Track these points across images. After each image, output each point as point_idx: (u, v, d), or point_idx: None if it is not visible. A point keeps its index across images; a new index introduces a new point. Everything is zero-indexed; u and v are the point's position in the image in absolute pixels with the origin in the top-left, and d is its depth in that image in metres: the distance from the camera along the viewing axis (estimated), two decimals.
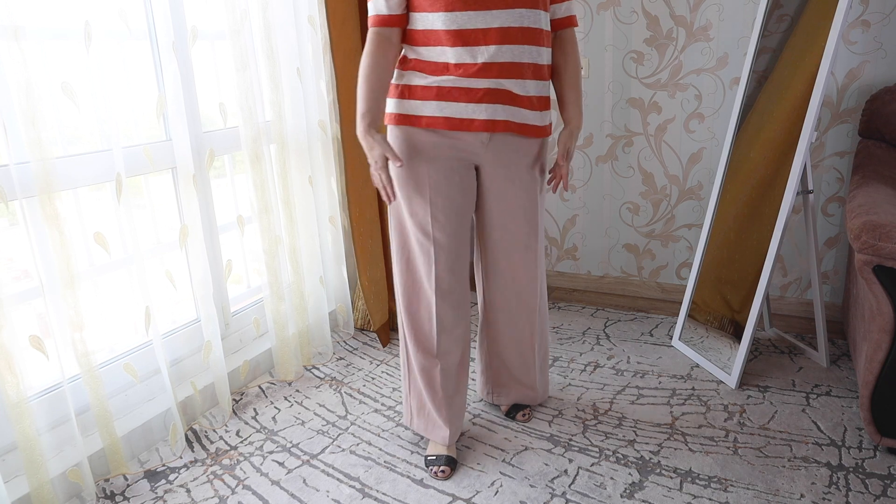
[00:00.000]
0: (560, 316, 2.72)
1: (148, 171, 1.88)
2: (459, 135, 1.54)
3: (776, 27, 2.13)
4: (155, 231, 2.03)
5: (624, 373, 2.21)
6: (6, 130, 1.47)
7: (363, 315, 2.64)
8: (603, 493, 1.63)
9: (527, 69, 1.50)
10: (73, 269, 1.56)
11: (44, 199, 1.50)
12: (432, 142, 1.55)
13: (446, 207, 1.60)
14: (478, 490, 1.66)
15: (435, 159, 1.56)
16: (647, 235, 2.80)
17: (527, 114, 1.55)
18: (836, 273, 2.50)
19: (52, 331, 1.62)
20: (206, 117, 2.11)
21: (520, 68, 1.49)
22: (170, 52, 1.77)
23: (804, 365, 2.19)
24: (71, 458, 1.67)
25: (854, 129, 2.33)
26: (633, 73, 2.63)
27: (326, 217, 2.46)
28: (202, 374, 2.10)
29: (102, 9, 1.65)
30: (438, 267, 1.63)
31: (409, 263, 1.68)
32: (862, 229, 1.57)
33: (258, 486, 1.71)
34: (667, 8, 2.50)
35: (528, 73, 1.51)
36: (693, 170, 2.64)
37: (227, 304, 2.22)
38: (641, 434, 1.86)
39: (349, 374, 2.30)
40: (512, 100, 1.51)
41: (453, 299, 1.68)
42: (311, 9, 2.25)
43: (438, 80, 1.49)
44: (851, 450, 1.73)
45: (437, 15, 1.45)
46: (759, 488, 1.61)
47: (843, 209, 2.42)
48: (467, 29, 1.44)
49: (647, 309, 2.74)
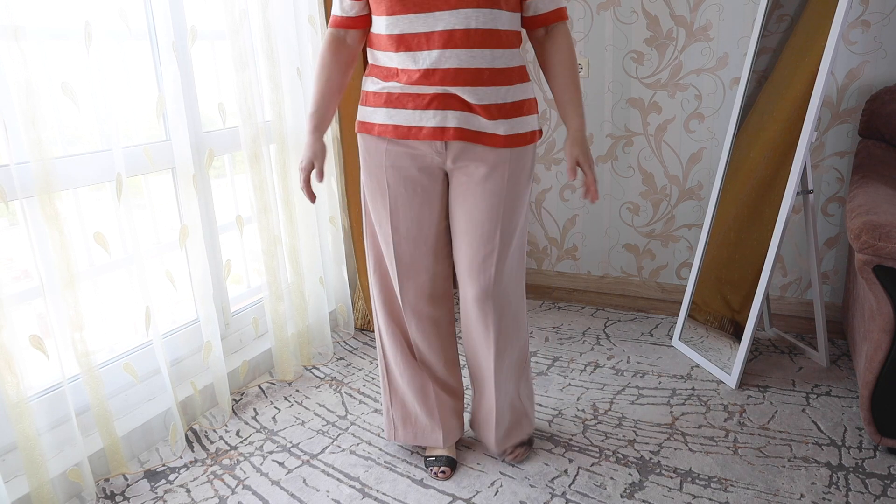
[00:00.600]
0: (560, 316, 2.72)
1: (148, 171, 1.88)
2: (412, 143, 1.45)
3: (776, 27, 2.13)
4: (155, 231, 2.03)
5: (624, 373, 2.21)
6: (6, 130, 1.47)
7: (363, 315, 2.64)
8: (603, 493, 1.63)
9: (481, 74, 1.37)
10: (73, 269, 1.56)
11: (44, 199, 1.50)
12: (388, 150, 1.48)
13: (407, 218, 1.53)
14: (478, 490, 1.66)
15: (393, 167, 1.49)
16: (647, 235, 2.80)
17: (482, 122, 1.41)
18: (836, 273, 2.50)
19: (52, 331, 1.62)
20: (206, 117, 2.11)
21: (471, 74, 1.36)
22: (170, 52, 1.77)
23: (804, 365, 2.19)
24: (71, 457, 1.67)
25: (854, 129, 2.33)
26: (633, 73, 2.63)
27: (326, 217, 2.46)
28: (202, 374, 2.10)
29: (102, 9, 1.65)
30: (402, 282, 1.59)
31: (380, 272, 1.64)
32: (862, 229, 1.57)
33: (258, 486, 1.71)
34: (667, 8, 2.50)
35: (484, 78, 1.37)
36: (693, 170, 2.64)
37: (226, 304, 2.22)
38: (641, 434, 1.86)
39: (349, 374, 2.30)
40: (463, 106, 1.39)
41: (424, 315, 1.63)
42: (311, 9, 2.25)
43: (388, 85, 1.43)
44: (851, 450, 1.73)
45: (380, 19, 1.39)
46: (759, 488, 1.61)
47: (843, 209, 2.42)
48: (408, 33, 1.35)
49: (647, 309, 2.74)
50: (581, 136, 1.48)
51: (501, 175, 1.46)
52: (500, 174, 1.46)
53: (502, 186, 1.47)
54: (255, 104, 2.02)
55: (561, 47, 1.47)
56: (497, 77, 1.39)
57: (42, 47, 1.65)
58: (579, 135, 1.48)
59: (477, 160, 1.45)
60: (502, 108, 1.42)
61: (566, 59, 1.47)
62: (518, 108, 1.45)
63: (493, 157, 1.45)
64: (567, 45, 1.47)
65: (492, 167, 1.46)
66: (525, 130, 1.47)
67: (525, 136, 1.47)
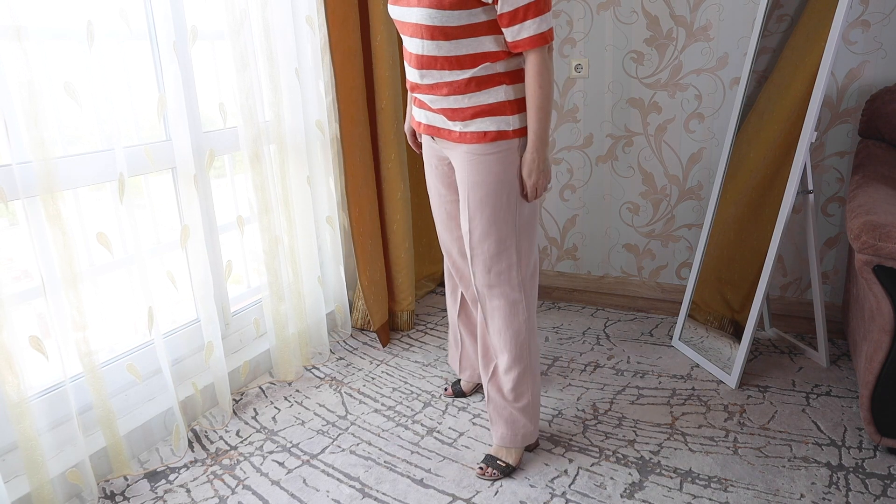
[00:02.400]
0: (560, 316, 2.72)
1: (149, 170, 1.88)
2: (423, 136, 1.78)
3: (776, 27, 2.14)
4: (155, 231, 2.03)
5: (624, 373, 2.21)
6: (8, 130, 1.47)
7: (363, 315, 2.64)
8: (603, 493, 1.63)
9: (441, 88, 1.56)
10: (75, 268, 1.56)
11: (46, 199, 1.50)
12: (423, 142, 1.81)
13: (433, 197, 1.86)
14: (478, 490, 1.66)
15: (426, 156, 1.82)
16: (647, 235, 2.81)
17: (445, 121, 1.60)
18: (836, 273, 2.50)
19: (52, 331, 1.62)
20: (206, 117, 2.11)
21: (435, 88, 1.57)
22: (170, 52, 1.77)
23: (804, 365, 2.19)
24: (71, 458, 1.67)
25: (854, 129, 2.33)
26: (633, 73, 2.63)
27: (324, 217, 2.46)
28: (202, 375, 2.10)
29: (104, 9, 1.65)
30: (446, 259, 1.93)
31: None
32: (862, 229, 1.57)
33: (258, 486, 1.71)
34: (667, 8, 2.50)
35: (444, 90, 1.56)
36: (693, 170, 2.64)
37: (227, 305, 2.22)
38: (641, 434, 1.86)
39: (349, 374, 2.30)
40: (430, 108, 1.63)
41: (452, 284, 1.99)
42: (309, 9, 2.25)
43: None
44: (851, 450, 1.74)
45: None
46: (759, 488, 1.61)
47: (843, 209, 2.43)
48: (405, 49, 1.61)
49: (647, 309, 2.74)
50: (531, 155, 1.55)
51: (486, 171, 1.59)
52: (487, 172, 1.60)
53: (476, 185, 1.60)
54: (255, 104, 2.02)
55: (527, 75, 1.50)
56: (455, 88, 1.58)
57: (44, 47, 1.65)
58: (529, 154, 1.55)
59: (455, 156, 1.66)
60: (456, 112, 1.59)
61: (529, 85, 1.51)
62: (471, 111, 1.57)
63: (462, 153, 1.62)
64: (531, 74, 1.49)
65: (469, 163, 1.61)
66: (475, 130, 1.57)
67: (473, 136, 1.57)
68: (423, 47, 1.51)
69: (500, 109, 1.54)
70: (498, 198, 1.58)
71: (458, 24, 1.45)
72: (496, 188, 1.58)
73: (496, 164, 1.56)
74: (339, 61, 2.22)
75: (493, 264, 1.63)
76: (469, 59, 1.51)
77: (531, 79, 1.49)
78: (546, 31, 1.44)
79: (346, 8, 2.22)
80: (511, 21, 1.42)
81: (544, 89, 1.49)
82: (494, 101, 1.53)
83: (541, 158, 1.55)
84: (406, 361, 2.38)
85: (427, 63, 1.53)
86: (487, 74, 1.52)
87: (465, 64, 1.51)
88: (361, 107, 2.34)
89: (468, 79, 1.52)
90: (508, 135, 1.55)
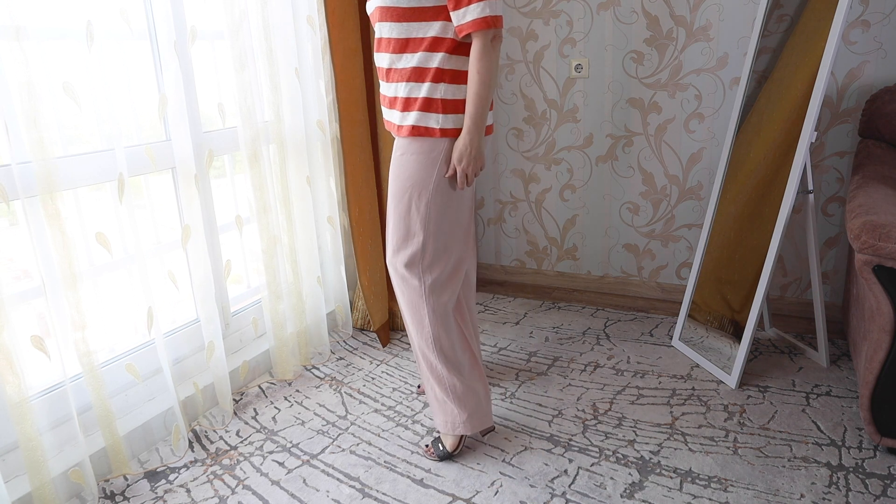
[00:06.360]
0: (560, 316, 2.72)
1: (149, 170, 1.88)
2: None
3: (776, 27, 2.14)
4: (155, 231, 2.03)
5: (624, 373, 2.21)
6: (8, 130, 1.47)
7: (363, 315, 2.64)
8: (603, 493, 1.63)
9: (391, 74, 1.61)
10: (75, 268, 1.57)
11: (45, 199, 1.50)
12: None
13: None
14: (478, 490, 1.66)
15: None
16: (647, 235, 2.81)
17: (391, 111, 1.65)
18: (836, 273, 2.50)
19: (52, 330, 1.62)
20: (206, 117, 2.11)
21: (388, 74, 1.62)
22: (170, 52, 1.77)
23: (804, 365, 2.19)
24: (72, 457, 1.67)
25: (854, 129, 2.33)
26: (633, 73, 2.63)
27: (324, 217, 2.46)
28: (202, 375, 2.10)
29: (103, 8, 1.65)
30: None
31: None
32: (862, 229, 1.57)
33: (258, 486, 1.71)
34: (667, 8, 2.50)
35: (393, 77, 1.61)
36: (693, 170, 2.64)
37: (227, 304, 2.22)
38: (641, 434, 1.86)
39: (349, 374, 2.30)
40: (385, 100, 1.67)
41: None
42: (309, 9, 2.25)
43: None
44: (851, 450, 1.74)
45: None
46: (759, 488, 1.61)
47: (843, 209, 2.43)
48: None
49: (647, 309, 2.74)
50: (462, 143, 1.57)
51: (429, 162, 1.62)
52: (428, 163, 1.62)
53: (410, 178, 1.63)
54: (254, 104, 2.02)
55: (471, 60, 1.53)
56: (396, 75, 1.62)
57: (43, 47, 1.65)
58: (461, 142, 1.57)
59: (397, 147, 1.68)
60: (397, 101, 1.63)
61: (472, 71, 1.53)
62: (409, 102, 1.61)
63: (403, 144, 1.64)
64: (475, 58, 1.52)
65: (406, 154, 1.64)
66: (413, 124, 1.60)
67: (411, 129, 1.61)
68: (380, 30, 1.59)
69: (434, 106, 1.58)
70: (408, 196, 1.63)
71: (409, 6, 1.52)
72: (407, 186, 1.63)
73: (413, 164, 1.61)
74: (339, 61, 2.22)
75: (400, 248, 1.68)
76: (415, 43, 1.56)
77: (472, 64, 1.53)
78: (490, 15, 1.47)
79: (346, 8, 2.22)
80: (457, 4, 1.48)
81: (482, 75, 1.52)
82: (430, 97, 1.57)
83: (473, 145, 1.57)
84: (406, 361, 2.38)
85: (383, 46, 1.60)
86: (430, 67, 1.56)
87: (411, 47, 1.56)
88: (361, 107, 2.35)
89: (412, 67, 1.57)
90: (435, 132, 1.58)
